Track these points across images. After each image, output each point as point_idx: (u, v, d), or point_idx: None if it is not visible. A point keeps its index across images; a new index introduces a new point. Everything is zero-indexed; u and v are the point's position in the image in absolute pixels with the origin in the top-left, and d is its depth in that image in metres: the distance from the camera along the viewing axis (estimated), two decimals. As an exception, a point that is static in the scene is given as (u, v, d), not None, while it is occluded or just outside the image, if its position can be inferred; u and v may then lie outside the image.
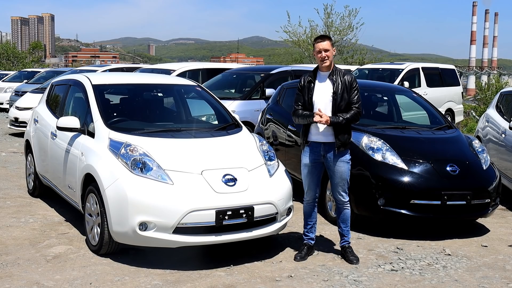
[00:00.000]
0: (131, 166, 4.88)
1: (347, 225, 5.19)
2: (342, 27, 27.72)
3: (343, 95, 4.98)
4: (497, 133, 8.47)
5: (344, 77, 5.02)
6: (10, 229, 5.87)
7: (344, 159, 5.05)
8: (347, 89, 4.99)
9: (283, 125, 8.08)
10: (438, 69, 16.09)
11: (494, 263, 5.26)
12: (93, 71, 14.27)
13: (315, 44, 5.07)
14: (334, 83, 5.01)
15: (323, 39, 5.06)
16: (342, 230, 5.22)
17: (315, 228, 5.30)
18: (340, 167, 5.03)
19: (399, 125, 7.03)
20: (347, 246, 5.20)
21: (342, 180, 5.07)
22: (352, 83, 5.02)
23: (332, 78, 5.03)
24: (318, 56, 5.04)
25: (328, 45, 5.01)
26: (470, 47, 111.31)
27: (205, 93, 6.60)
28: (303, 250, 5.21)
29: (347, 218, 5.18)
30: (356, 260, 5.08)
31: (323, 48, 4.99)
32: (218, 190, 4.82)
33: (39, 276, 4.60)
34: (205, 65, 13.66)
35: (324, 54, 4.98)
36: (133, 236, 4.74)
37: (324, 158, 5.06)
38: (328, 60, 5.02)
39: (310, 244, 5.27)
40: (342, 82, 4.99)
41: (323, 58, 5.00)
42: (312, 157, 5.08)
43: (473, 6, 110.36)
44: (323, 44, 5.00)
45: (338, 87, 4.98)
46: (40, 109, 7.15)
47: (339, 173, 5.05)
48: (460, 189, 5.87)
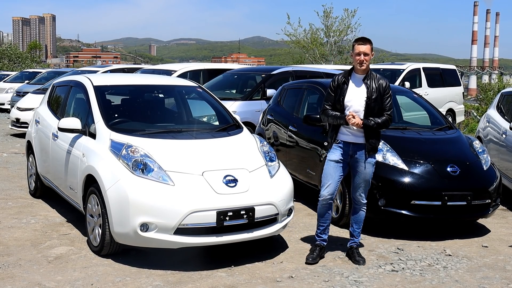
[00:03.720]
0: (132, 167, 4.89)
1: (359, 226, 5.22)
2: (341, 27, 27.74)
3: (377, 100, 4.96)
4: (497, 133, 8.47)
5: (378, 82, 4.99)
6: (11, 230, 5.89)
7: (370, 161, 5.06)
8: (381, 94, 4.97)
9: (284, 125, 8.10)
10: (439, 69, 16.10)
11: (495, 263, 5.26)
12: (95, 71, 14.29)
13: (355, 45, 5.00)
14: (368, 87, 4.97)
15: (365, 42, 4.97)
16: (353, 231, 5.23)
17: (328, 230, 5.26)
18: (366, 168, 5.04)
19: (399, 126, 7.03)
20: (355, 247, 5.21)
21: (365, 182, 5.09)
22: (386, 89, 5.00)
23: (366, 82, 4.99)
24: (356, 59, 4.95)
25: (368, 49, 4.93)
26: (471, 47, 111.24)
27: (205, 94, 6.61)
28: (315, 251, 5.16)
29: (361, 219, 5.21)
30: (362, 261, 5.08)
31: (363, 51, 4.92)
32: (219, 191, 4.83)
33: (41, 277, 4.61)
34: (206, 66, 13.68)
35: (363, 57, 4.92)
36: (134, 237, 4.75)
37: (352, 159, 5.06)
38: (366, 64, 4.96)
39: (323, 245, 5.22)
40: (376, 88, 4.96)
41: (361, 62, 4.93)
42: (339, 155, 5.05)
43: (474, 5, 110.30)
44: (363, 47, 4.93)
45: (372, 92, 4.94)
46: (41, 110, 7.17)
47: (364, 175, 5.06)
48: (460, 189, 5.88)
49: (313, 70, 12.29)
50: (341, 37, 27.21)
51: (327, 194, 5.09)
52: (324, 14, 27.83)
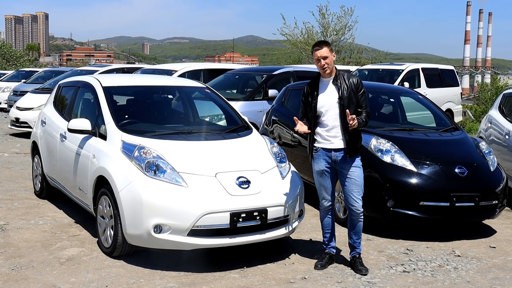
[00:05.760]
0: (145, 168, 4.89)
1: (359, 237, 5.00)
2: (339, 26, 27.79)
3: (351, 98, 4.82)
4: (500, 134, 8.53)
5: (349, 81, 4.85)
6: (20, 231, 5.87)
7: (356, 164, 4.90)
8: (354, 92, 4.83)
9: (288, 126, 8.12)
10: (437, 69, 16.18)
11: (504, 264, 5.31)
12: (94, 71, 14.26)
13: (313, 51, 4.89)
14: (339, 88, 4.83)
15: (321, 46, 4.84)
16: (353, 242, 5.01)
17: (335, 237, 5.15)
18: (353, 172, 4.88)
19: (406, 127, 7.07)
20: (357, 257, 5.02)
21: (356, 187, 4.86)
22: (358, 86, 4.85)
23: (336, 83, 4.85)
24: (318, 65, 4.85)
25: (326, 52, 4.80)
26: (464, 46, 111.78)
27: (214, 95, 6.62)
28: (324, 259, 5.06)
29: (360, 230, 4.97)
30: (365, 270, 4.90)
31: (321, 56, 4.79)
32: (232, 192, 4.84)
33: (54, 278, 4.61)
34: (207, 66, 13.68)
35: (323, 62, 4.79)
36: (147, 239, 4.76)
37: (336, 164, 4.91)
38: (329, 67, 4.83)
39: (332, 253, 5.12)
40: (348, 86, 4.83)
41: (322, 66, 4.82)
42: (323, 164, 4.92)
43: (467, 5, 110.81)
44: (321, 51, 4.79)
45: (343, 92, 4.82)
46: (47, 111, 7.15)
47: (352, 179, 4.86)
48: (468, 190, 5.92)
49: (314, 70, 12.31)
50: (338, 36, 27.26)
51: (326, 203, 5.04)
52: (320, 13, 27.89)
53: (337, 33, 27.70)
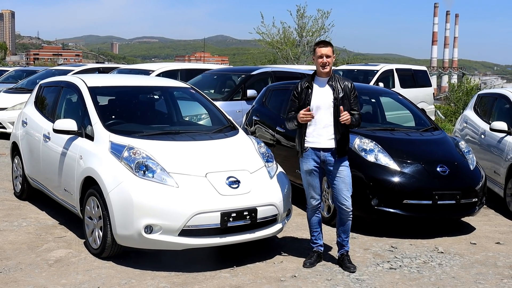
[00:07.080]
0: (135, 169, 4.89)
1: (347, 235, 5.09)
2: (315, 28, 28.00)
3: (344, 101, 4.95)
4: (475, 134, 8.75)
5: (344, 84, 5.01)
6: (4, 233, 5.79)
7: (345, 164, 5.00)
8: (347, 95, 4.98)
9: (270, 126, 8.18)
10: (411, 70, 16.49)
11: (486, 260, 5.47)
12: (69, 71, 14.07)
13: (316, 48, 5.01)
14: (334, 88, 4.97)
15: (326, 44, 5.03)
16: (342, 240, 5.10)
17: (321, 235, 5.24)
18: (342, 171, 4.97)
19: (387, 127, 7.20)
20: (345, 254, 5.10)
21: (346, 185, 4.97)
22: (352, 90, 5.02)
23: (331, 84, 5.01)
24: (319, 61, 4.97)
25: (330, 51, 4.98)
26: (432, 47, 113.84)
27: (199, 95, 6.64)
28: (312, 257, 5.13)
29: (349, 228, 5.06)
30: (353, 267, 4.99)
31: (325, 54, 4.95)
32: (223, 192, 4.88)
33: (45, 281, 4.57)
34: (184, 66, 13.64)
35: (326, 59, 4.95)
36: (138, 239, 4.75)
37: (324, 164, 5.02)
38: (329, 66, 4.99)
39: (320, 252, 5.20)
40: (342, 88, 4.97)
41: (324, 64, 4.96)
42: (312, 164, 5.01)
43: (435, 7, 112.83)
44: (325, 49, 4.96)
45: (338, 93, 4.94)
46: (28, 111, 7.05)
47: (342, 178, 4.96)
48: (450, 189, 6.07)
49: (291, 70, 12.41)
50: (314, 38, 27.43)
51: (314, 202, 5.11)
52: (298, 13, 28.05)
53: (312, 34, 27.90)
